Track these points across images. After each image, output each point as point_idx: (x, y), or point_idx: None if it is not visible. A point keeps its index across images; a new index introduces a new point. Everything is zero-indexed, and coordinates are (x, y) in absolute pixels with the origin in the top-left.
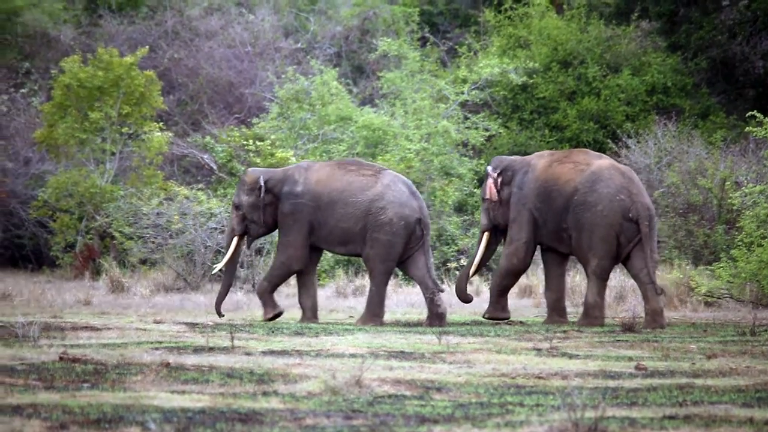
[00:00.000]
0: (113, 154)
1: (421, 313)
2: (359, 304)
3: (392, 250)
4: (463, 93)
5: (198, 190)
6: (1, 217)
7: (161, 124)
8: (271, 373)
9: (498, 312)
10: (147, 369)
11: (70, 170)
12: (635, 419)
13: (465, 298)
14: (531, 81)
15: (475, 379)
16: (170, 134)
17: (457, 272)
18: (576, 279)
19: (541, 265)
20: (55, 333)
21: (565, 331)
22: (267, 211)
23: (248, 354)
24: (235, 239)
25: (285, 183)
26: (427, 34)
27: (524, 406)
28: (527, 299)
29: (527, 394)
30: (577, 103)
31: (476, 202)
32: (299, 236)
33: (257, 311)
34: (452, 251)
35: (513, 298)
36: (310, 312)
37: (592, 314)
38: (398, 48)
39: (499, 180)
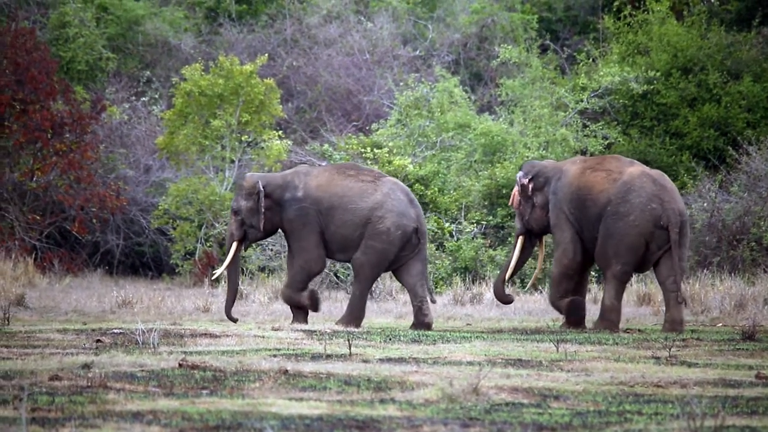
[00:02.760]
0: (232, 161)
1: (539, 321)
2: (476, 311)
3: (384, 258)
4: (582, 101)
5: None
6: (122, 225)
7: (280, 132)
8: (388, 380)
9: (574, 316)
10: (265, 376)
11: (190, 178)
12: (755, 428)
13: (505, 300)
14: (651, 88)
15: (593, 387)
16: (289, 142)
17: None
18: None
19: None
20: (174, 340)
21: (684, 340)
22: (266, 216)
23: (365, 361)
24: (235, 244)
25: (286, 189)
26: (547, 41)
27: (643, 414)
28: (646, 307)
29: (646, 403)
30: (698, 110)
31: None
32: (312, 238)
33: (373, 318)
34: None
35: (630, 306)
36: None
37: (608, 317)
38: (519, 55)
39: (531, 186)
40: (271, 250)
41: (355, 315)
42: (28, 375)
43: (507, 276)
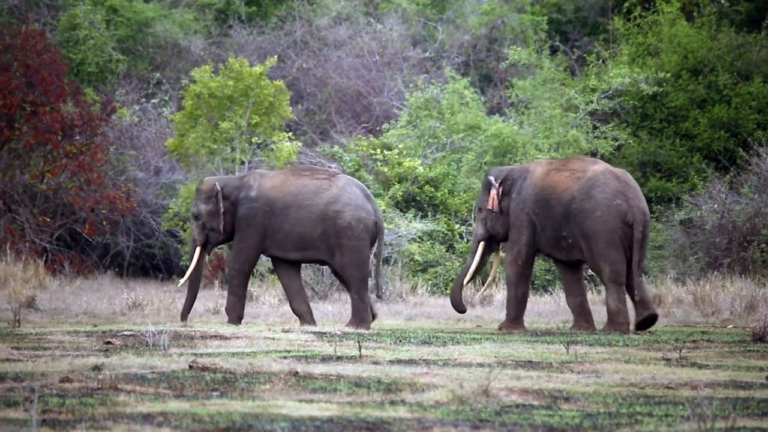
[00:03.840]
0: (243, 163)
1: (549, 322)
2: (486, 313)
3: (361, 253)
4: (592, 102)
5: None
6: (132, 227)
7: (290, 133)
8: (398, 382)
9: (513, 326)
10: (275, 378)
11: (200, 180)
12: (766, 430)
13: (460, 309)
14: (661, 89)
15: (603, 388)
16: (299, 144)
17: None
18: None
19: (670, 274)
20: (184, 342)
21: (694, 341)
22: (225, 218)
23: (376, 363)
24: (198, 249)
25: (241, 189)
26: (557, 43)
27: (653, 416)
28: (656, 308)
29: (656, 405)
30: (708, 111)
31: None
32: (253, 241)
33: (383, 320)
34: None
35: None
36: (309, 316)
37: (616, 321)
38: (528, 57)
39: (500, 190)
40: None
41: (360, 317)
42: (39, 377)
43: (465, 281)
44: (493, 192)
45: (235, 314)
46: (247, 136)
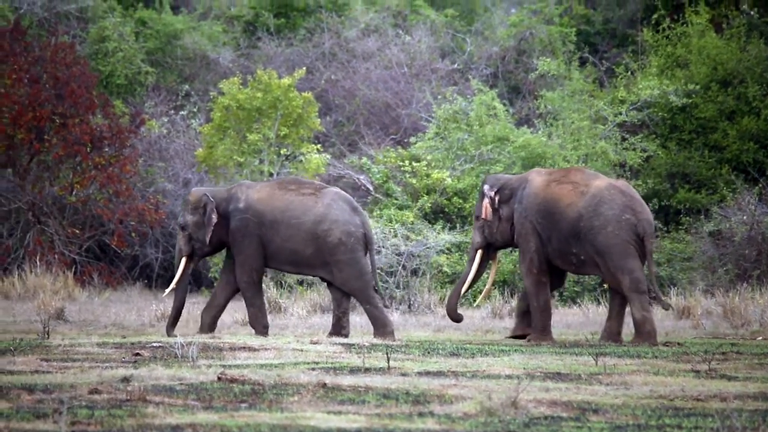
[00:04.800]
0: (271, 175)
1: (577, 334)
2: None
3: (359, 265)
4: (621, 114)
5: None
6: (161, 239)
7: (318, 145)
8: (426, 393)
9: (542, 337)
10: (304, 389)
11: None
12: None
13: (456, 318)
14: (690, 101)
15: (632, 400)
16: (327, 156)
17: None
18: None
19: (699, 286)
20: (213, 353)
21: (724, 353)
22: (214, 229)
23: (404, 375)
24: (184, 260)
25: (230, 201)
26: (586, 54)
27: (682, 428)
28: (685, 320)
29: (685, 417)
30: (737, 122)
31: None
32: (251, 249)
33: (412, 332)
34: None
35: (670, 320)
36: (207, 328)
37: (643, 330)
38: (557, 68)
39: (497, 198)
40: None
41: (381, 323)
42: (68, 388)
43: (462, 290)
44: (486, 200)
45: (260, 325)
46: (276, 148)
